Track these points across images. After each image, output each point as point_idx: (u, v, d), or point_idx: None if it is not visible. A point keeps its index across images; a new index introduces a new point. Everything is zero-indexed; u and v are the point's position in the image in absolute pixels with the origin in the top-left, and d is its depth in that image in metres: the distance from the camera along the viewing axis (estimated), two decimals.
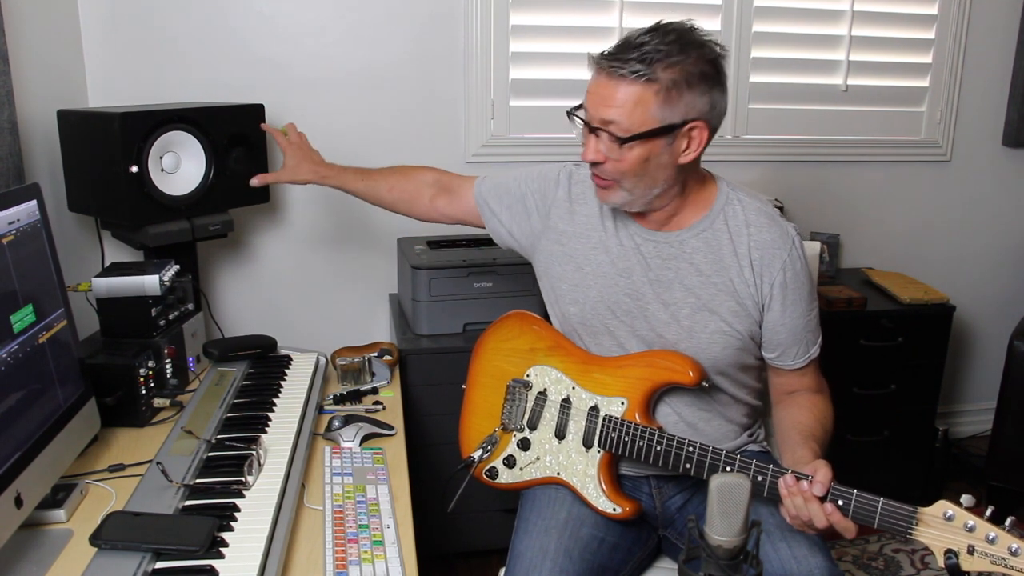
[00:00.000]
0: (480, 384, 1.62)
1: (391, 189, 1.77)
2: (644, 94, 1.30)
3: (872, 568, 2.38)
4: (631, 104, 1.30)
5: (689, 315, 1.44)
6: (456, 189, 1.72)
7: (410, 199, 1.76)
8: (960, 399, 3.16)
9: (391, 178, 1.79)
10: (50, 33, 2.05)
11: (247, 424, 1.56)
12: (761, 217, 1.44)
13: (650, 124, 1.31)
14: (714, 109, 1.34)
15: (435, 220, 1.77)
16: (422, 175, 1.78)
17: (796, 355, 1.47)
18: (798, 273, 1.43)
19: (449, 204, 1.73)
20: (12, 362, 1.17)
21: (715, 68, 1.34)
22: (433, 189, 1.75)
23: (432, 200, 1.74)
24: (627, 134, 1.32)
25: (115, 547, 1.14)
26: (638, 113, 1.31)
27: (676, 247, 1.45)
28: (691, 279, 1.44)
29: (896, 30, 2.73)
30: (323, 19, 2.34)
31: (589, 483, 1.46)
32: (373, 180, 1.79)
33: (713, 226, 1.44)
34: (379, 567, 1.17)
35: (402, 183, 1.77)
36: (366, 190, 1.79)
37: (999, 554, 1.09)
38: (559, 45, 2.48)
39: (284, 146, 1.82)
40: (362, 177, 1.80)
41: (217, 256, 2.41)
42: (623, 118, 1.31)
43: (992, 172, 2.94)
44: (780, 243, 1.42)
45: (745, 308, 1.43)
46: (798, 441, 1.37)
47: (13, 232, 1.23)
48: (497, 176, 1.68)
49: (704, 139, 1.35)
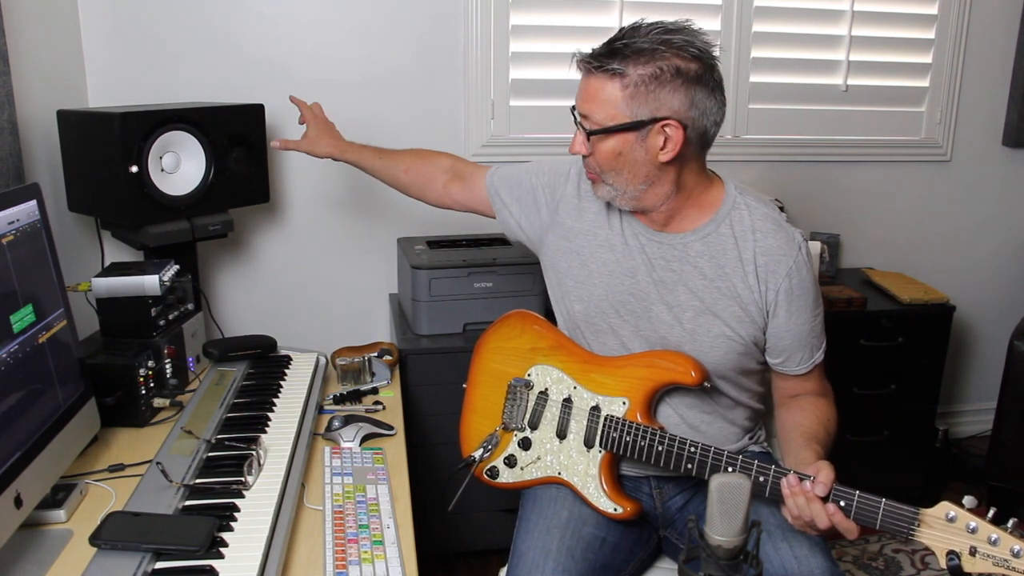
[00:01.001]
0: (481, 383, 1.62)
1: (407, 170, 1.78)
2: (612, 89, 1.32)
3: (872, 568, 2.38)
4: (601, 98, 1.33)
5: (692, 318, 1.43)
6: (470, 177, 1.73)
7: (424, 182, 1.77)
8: (960, 399, 3.16)
9: (408, 159, 1.80)
10: (50, 33, 2.04)
11: (247, 424, 1.56)
12: (767, 223, 1.42)
13: (618, 119, 1.33)
14: (694, 109, 1.32)
15: (446, 206, 1.78)
16: (439, 160, 1.79)
17: (801, 360, 1.47)
18: (803, 280, 1.42)
19: (462, 191, 1.73)
20: (12, 362, 1.17)
21: (701, 67, 1.31)
22: (448, 175, 1.75)
23: (446, 186, 1.75)
24: (596, 127, 1.35)
25: (115, 547, 1.14)
26: (607, 108, 1.33)
27: (680, 249, 1.44)
28: (695, 282, 1.43)
29: (896, 30, 2.73)
30: (323, 19, 2.34)
31: (590, 483, 1.45)
32: (391, 159, 1.80)
33: (718, 230, 1.43)
34: (379, 567, 1.17)
35: (418, 165, 1.78)
36: (383, 168, 1.80)
37: (1001, 555, 1.09)
38: (559, 45, 2.48)
39: (308, 119, 1.84)
40: (379, 156, 1.81)
41: (217, 256, 2.41)
42: (594, 112, 1.35)
43: (992, 172, 2.94)
44: (786, 249, 1.41)
45: (749, 314, 1.42)
46: (801, 443, 1.37)
47: (13, 232, 1.22)
48: (509, 167, 1.68)
49: (680, 139, 1.32)
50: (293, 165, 2.41)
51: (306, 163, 2.41)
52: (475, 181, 1.71)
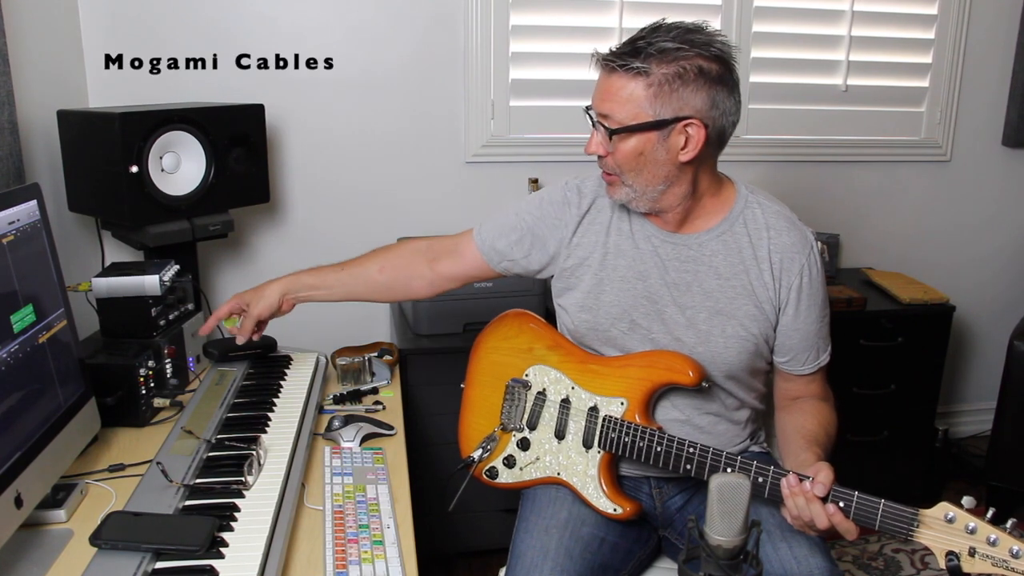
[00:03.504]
0: (479, 383, 1.62)
1: (382, 269, 1.63)
2: (635, 88, 1.31)
3: (872, 568, 2.38)
4: (623, 97, 1.32)
5: (707, 319, 1.43)
6: (455, 247, 1.62)
7: (407, 274, 1.63)
8: (960, 399, 3.16)
9: (376, 258, 1.65)
10: (50, 33, 2.04)
11: (247, 424, 1.56)
12: (781, 220, 1.44)
13: (641, 118, 1.32)
14: (715, 108, 1.33)
15: (442, 289, 1.65)
16: (410, 245, 1.65)
17: (806, 361, 1.48)
18: (815, 278, 1.44)
19: (453, 264, 1.61)
20: (12, 362, 1.17)
21: (721, 67, 1.32)
22: (429, 255, 1.63)
23: (433, 265, 1.62)
24: (618, 126, 1.34)
25: (115, 547, 1.14)
26: (630, 107, 1.32)
27: (695, 250, 1.44)
28: (710, 282, 1.43)
29: (896, 30, 2.73)
30: (324, 19, 2.34)
31: (589, 483, 1.46)
32: (357, 265, 1.64)
33: (732, 229, 1.44)
34: (379, 567, 1.17)
35: (392, 259, 1.64)
36: (351, 278, 1.63)
37: (1000, 556, 1.09)
38: (559, 45, 2.48)
39: (227, 311, 1.68)
40: (340, 268, 1.64)
41: (217, 256, 2.41)
42: (616, 111, 1.33)
43: (992, 172, 2.94)
44: (800, 247, 1.43)
45: (763, 311, 1.43)
46: (802, 445, 1.37)
47: (13, 232, 1.22)
48: (493, 219, 1.59)
49: (701, 138, 1.33)
50: (293, 165, 2.41)
51: (306, 163, 2.42)
52: (462, 248, 1.60)
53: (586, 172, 1.57)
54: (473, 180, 2.54)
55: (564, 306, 1.55)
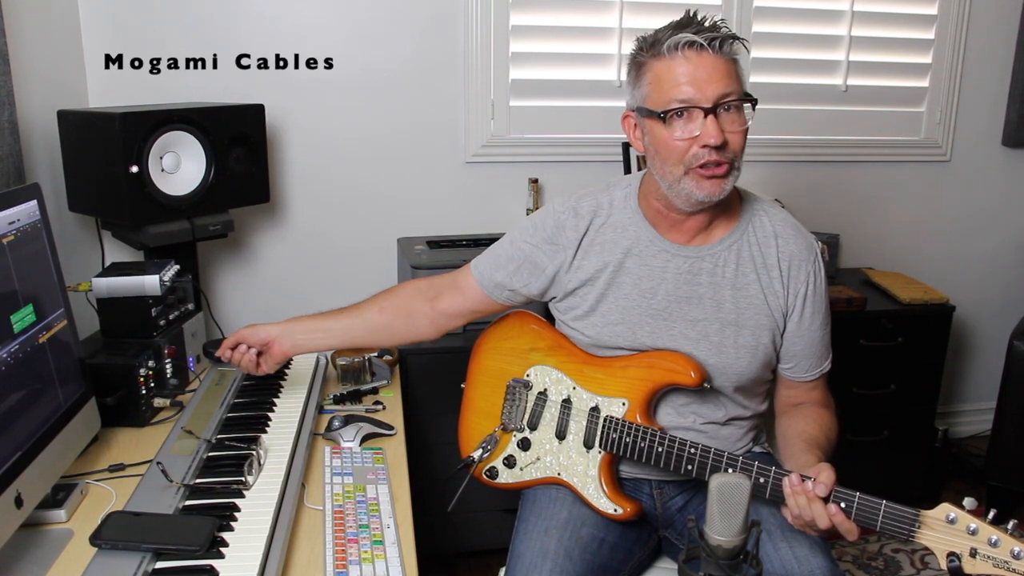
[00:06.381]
0: (480, 383, 1.62)
1: (382, 310, 1.59)
2: (736, 69, 1.34)
3: (872, 568, 2.38)
4: (735, 76, 1.33)
5: (718, 330, 1.43)
6: (453, 284, 1.58)
7: (408, 313, 1.59)
8: (960, 399, 3.16)
9: (375, 300, 1.61)
10: (50, 33, 2.04)
11: (247, 424, 1.56)
12: (787, 228, 1.45)
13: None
14: None
15: (445, 329, 1.60)
16: (409, 284, 1.63)
17: (809, 368, 1.48)
18: (819, 285, 1.45)
19: (455, 300, 1.57)
20: (12, 362, 1.17)
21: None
22: (429, 293, 1.59)
23: (434, 303, 1.58)
24: (749, 102, 1.34)
25: (115, 547, 1.14)
26: (742, 85, 1.34)
27: (709, 261, 1.43)
28: (722, 293, 1.43)
29: (896, 30, 2.73)
30: (323, 19, 2.34)
31: (590, 484, 1.45)
32: (355, 310, 1.60)
33: (743, 238, 1.44)
34: (379, 567, 1.17)
35: (391, 300, 1.60)
36: (351, 322, 1.58)
37: (1002, 557, 1.09)
38: (559, 45, 2.48)
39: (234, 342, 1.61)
40: (339, 314, 1.60)
41: (217, 256, 2.41)
42: (739, 89, 1.33)
43: (992, 172, 2.94)
44: (806, 254, 1.43)
45: (774, 319, 1.43)
46: (802, 448, 1.37)
47: (13, 232, 1.23)
48: (488, 252, 1.57)
49: None
50: (293, 165, 2.41)
51: (306, 163, 2.42)
52: (463, 284, 1.57)
53: (586, 172, 1.57)
54: (473, 180, 2.54)
55: (567, 322, 1.54)
